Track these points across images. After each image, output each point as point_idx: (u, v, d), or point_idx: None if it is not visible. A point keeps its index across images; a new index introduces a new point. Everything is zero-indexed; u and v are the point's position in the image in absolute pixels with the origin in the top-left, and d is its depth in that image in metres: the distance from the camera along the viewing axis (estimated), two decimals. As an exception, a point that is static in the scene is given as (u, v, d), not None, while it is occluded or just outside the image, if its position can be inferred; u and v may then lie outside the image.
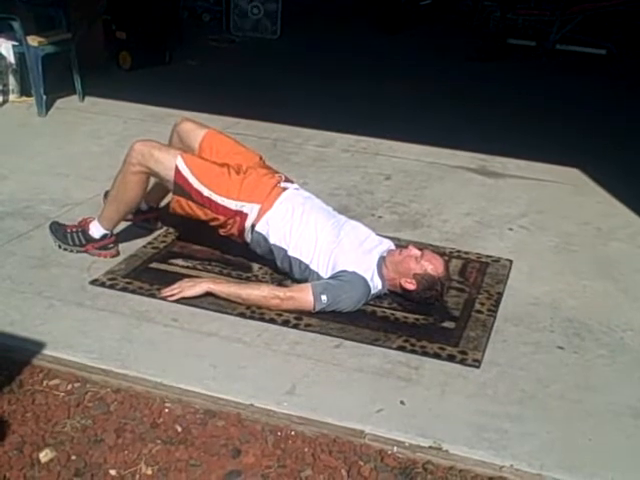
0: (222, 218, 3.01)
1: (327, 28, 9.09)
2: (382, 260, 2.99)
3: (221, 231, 3.10)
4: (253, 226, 3.00)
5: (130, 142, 3.11)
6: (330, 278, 2.92)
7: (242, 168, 3.06)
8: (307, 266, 2.96)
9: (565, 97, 6.51)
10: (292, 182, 3.18)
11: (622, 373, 2.68)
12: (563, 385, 2.58)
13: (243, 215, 2.99)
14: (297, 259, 2.97)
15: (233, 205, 2.97)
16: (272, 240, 2.98)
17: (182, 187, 2.97)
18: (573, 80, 7.14)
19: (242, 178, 3.01)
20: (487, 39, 8.02)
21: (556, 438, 2.31)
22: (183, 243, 3.41)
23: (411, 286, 2.94)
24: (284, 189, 3.08)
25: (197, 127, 3.31)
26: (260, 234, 3.00)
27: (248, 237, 3.04)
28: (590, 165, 4.71)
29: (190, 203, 2.99)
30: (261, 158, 3.27)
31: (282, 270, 3.08)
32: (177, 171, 2.96)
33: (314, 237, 2.97)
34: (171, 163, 2.97)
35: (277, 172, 3.20)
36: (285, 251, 2.98)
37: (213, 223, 3.06)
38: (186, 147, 3.23)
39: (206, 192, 2.96)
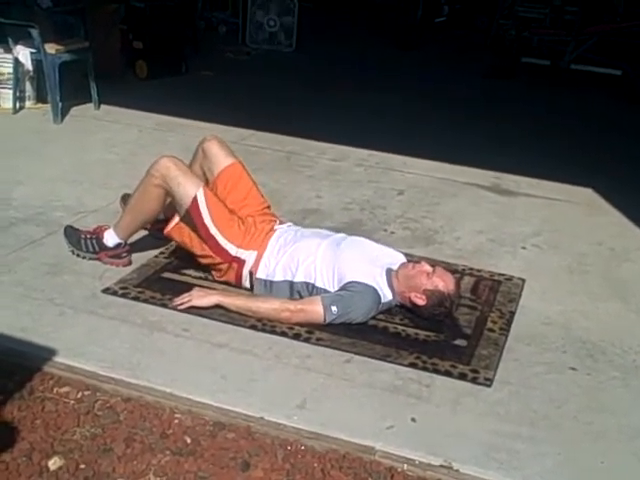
0: (217, 259, 3.04)
1: (342, 43, 9.12)
2: (393, 272, 2.99)
3: (214, 273, 3.14)
4: (252, 274, 3.03)
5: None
6: (339, 290, 2.91)
7: (247, 221, 3.10)
8: (314, 285, 2.96)
9: (579, 117, 6.50)
10: (285, 223, 3.25)
11: (635, 395, 2.66)
12: (575, 406, 2.56)
13: (240, 262, 3.03)
14: (303, 283, 2.98)
15: (233, 251, 3.02)
16: (277, 278, 3.00)
17: (192, 217, 2.99)
18: (587, 100, 7.14)
19: (245, 230, 3.06)
20: (502, 57, 8.02)
21: (568, 460, 2.29)
22: (195, 253, 3.41)
23: (421, 301, 2.93)
24: (276, 230, 3.13)
25: (224, 154, 3.26)
26: (261, 281, 3.03)
27: (247, 284, 3.07)
28: (604, 185, 4.69)
29: (192, 234, 3.02)
30: (269, 207, 3.29)
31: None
32: (194, 201, 2.98)
33: (313, 256, 2.98)
34: (191, 192, 2.99)
35: (276, 218, 3.25)
36: (291, 282, 2.99)
37: (204, 260, 3.10)
38: (206, 167, 3.25)
39: (212, 230, 3.00)
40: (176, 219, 3.06)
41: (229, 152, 3.30)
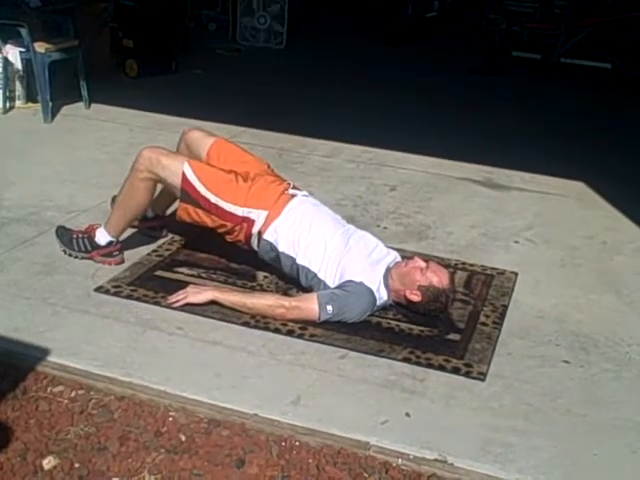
0: (229, 225, 3.00)
1: (333, 39, 9.11)
2: (388, 271, 2.99)
3: (228, 237, 3.09)
4: (260, 233, 2.99)
5: (136, 150, 3.12)
6: (336, 288, 2.91)
7: (250, 175, 3.06)
8: (315, 275, 2.95)
9: (570, 111, 6.51)
10: (300, 190, 3.17)
11: (628, 388, 2.67)
12: (569, 399, 2.57)
13: (250, 221, 2.98)
14: (305, 267, 2.96)
15: (240, 211, 2.97)
16: (280, 248, 2.98)
17: (189, 194, 2.97)
18: (578, 94, 7.15)
19: (249, 185, 3.01)
20: (492, 52, 8.03)
21: (562, 453, 2.30)
22: (188, 251, 3.41)
23: (416, 298, 2.93)
24: (292, 196, 3.07)
25: (205, 136, 3.31)
26: (268, 242, 2.99)
27: (254, 244, 3.03)
28: (595, 179, 4.70)
29: (197, 210, 2.99)
30: (269, 166, 3.27)
31: (289, 276, 3.07)
32: (184, 178, 2.96)
33: (323, 246, 2.96)
34: (178, 170, 2.97)
35: (285, 180, 3.20)
36: (294, 259, 2.97)
37: (220, 230, 3.06)
38: (194, 156, 3.22)
39: (213, 199, 2.96)
40: (177, 202, 3.06)
41: (210, 134, 3.34)
